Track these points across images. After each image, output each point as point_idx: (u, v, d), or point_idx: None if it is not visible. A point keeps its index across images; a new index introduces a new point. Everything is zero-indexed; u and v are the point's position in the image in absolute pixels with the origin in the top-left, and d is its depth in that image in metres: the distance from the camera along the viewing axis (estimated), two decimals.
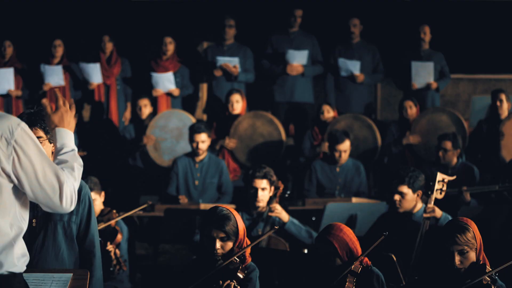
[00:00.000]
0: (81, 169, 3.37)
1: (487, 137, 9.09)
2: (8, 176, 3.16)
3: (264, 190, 6.39)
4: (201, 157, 8.38)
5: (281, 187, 6.56)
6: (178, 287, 4.54)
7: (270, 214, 6.43)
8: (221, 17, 9.93)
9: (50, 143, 3.98)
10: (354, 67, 9.79)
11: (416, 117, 9.20)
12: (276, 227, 4.71)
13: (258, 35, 10.16)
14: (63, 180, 3.23)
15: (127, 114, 10.13)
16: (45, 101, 3.44)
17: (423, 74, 9.66)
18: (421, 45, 9.81)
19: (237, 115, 9.22)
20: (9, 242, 3.18)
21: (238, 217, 4.53)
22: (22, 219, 3.24)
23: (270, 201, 6.47)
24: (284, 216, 6.44)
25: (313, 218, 7.70)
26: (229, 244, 4.46)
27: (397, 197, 6.07)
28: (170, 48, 9.84)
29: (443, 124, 9.09)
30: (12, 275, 3.18)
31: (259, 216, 6.44)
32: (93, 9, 10.62)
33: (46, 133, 3.98)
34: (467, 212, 7.12)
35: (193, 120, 9.27)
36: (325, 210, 7.17)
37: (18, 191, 3.20)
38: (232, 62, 9.72)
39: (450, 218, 6.07)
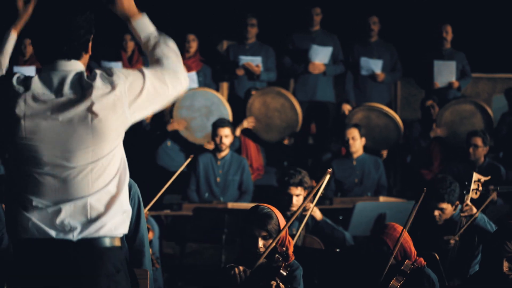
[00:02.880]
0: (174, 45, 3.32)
1: (508, 133, 9.12)
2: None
3: (299, 196, 6.38)
4: (223, 154, 8.39)
5: (316, 185, 6.55)
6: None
7: (304, 213, 6.43)
8: (242, 15, 9.93)
9: None
10: (376, 66, 9.80)
11: (438, 111, 9.23)
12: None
13: (280, 34, 10.16)
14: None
15: None
16: None
17: (445, 73, 9.66)
18: (443, 44, 9.81)
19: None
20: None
21: (279, 215, 4.55)
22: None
23: (303, 200, 6.46)
24: (318, 215, 6.44)
25: (340, 217, 7.70)
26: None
27: (437, 213, 6.08)
28: (193, 45, 9.84)
29: (468, 113, 9.13)
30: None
31: (292, 215, 6.41)
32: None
33: None
34: (495, 211, 7.15)
35: (218, 96, 9.27)
36: (354, 209, 7.18)
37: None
38: (254, 61, 9.73)
39: (485, 217, 6.08)
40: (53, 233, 3.05)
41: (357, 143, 8.45)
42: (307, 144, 9.50)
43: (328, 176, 4.63)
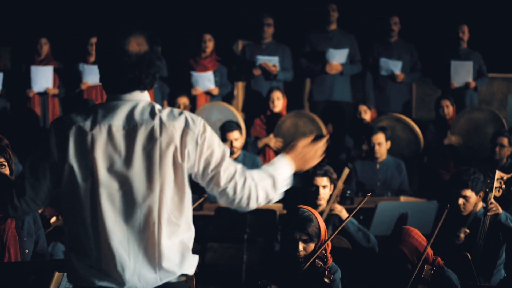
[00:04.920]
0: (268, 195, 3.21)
1: None
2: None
3: (325, 188, 6.40)
4: (235, 156, 8.36)
5: (342, 186, 6.56)
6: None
7: (332, 213, 6.45)
8: (259, 15, 9.93)
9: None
10: (395, 66, 9.82)
11: (454, 118, 9.25)
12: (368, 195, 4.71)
13: (295, 34, 10.16)
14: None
15: None
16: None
17: (462, 73, 9.69)
18: (460, 44, 9.83)
19: (278, 114, 9.24)
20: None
21: (319, 218, 4.52)
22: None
23: (330, 201, 6.46)
24: (344, 215, 6.44)
25: (361, 217, 7.69)
26: (311, 246, 4.45)
27: (461, 201, 6.07)
28: (210, 45, 9.84)
29: (482, 122, 9.14)
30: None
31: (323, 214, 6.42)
32: (130, 6, 10.61)
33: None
34: None
35: (233, 111, 9.26)
36: (376, 209, 7.17)
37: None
38: (271, 61, 9.73)
39: (509, 216, 6.09)
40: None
41: (382, 148, 8.44)
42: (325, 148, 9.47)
43: (347, 172, 4.63)
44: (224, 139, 8.32)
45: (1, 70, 9.83)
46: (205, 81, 9.79)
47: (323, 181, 6.39)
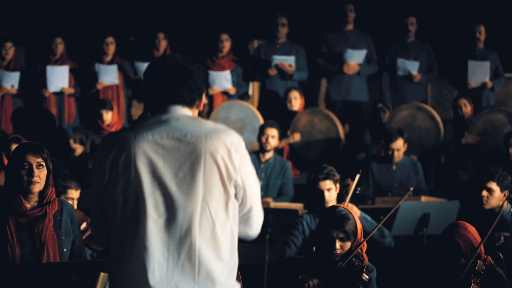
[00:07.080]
0: None
1: None
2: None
3: (330, 191, 6.30)
4: (267, 157, 8.35)
5: (351, 184, 6.52)
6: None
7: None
8: (273, 15, 9.93)
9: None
10: (412, 67, 9.82)
11: (472, 119, 9.26)
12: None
13: (310, 33, 10.16)
14: None
15: None
16: None
17: (479, 73, 9.69)
18: (476, 45, 9.83)
19: (294, 112, 9.27)
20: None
21: (356, 216, 4.55)
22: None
23: (341, 199, 6.43)
24: (356, 211, 6.41)
25: (382, 217, 7.66)
26: (348, 244, 4.48)
27: (485, 193, 6.08)
28: (226, 45, 9.84)
29: (500, 123, 9.15)
30: None
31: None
32: (147, 6, 10.61)
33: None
34: None
35: (253, 110, 9.26)
36: (398, 208, 7.15)
37: None
38: (287, 61, 9.72)
39: None
40: None
41: (401, 153, 8.41)
42: (341, 144, 9.49)
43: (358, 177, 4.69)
44: (261, 133, 8.32)
45: (17, 69, 9.83)
46: (222, 80, 9.79)
47: (326, 184, 6.28)
